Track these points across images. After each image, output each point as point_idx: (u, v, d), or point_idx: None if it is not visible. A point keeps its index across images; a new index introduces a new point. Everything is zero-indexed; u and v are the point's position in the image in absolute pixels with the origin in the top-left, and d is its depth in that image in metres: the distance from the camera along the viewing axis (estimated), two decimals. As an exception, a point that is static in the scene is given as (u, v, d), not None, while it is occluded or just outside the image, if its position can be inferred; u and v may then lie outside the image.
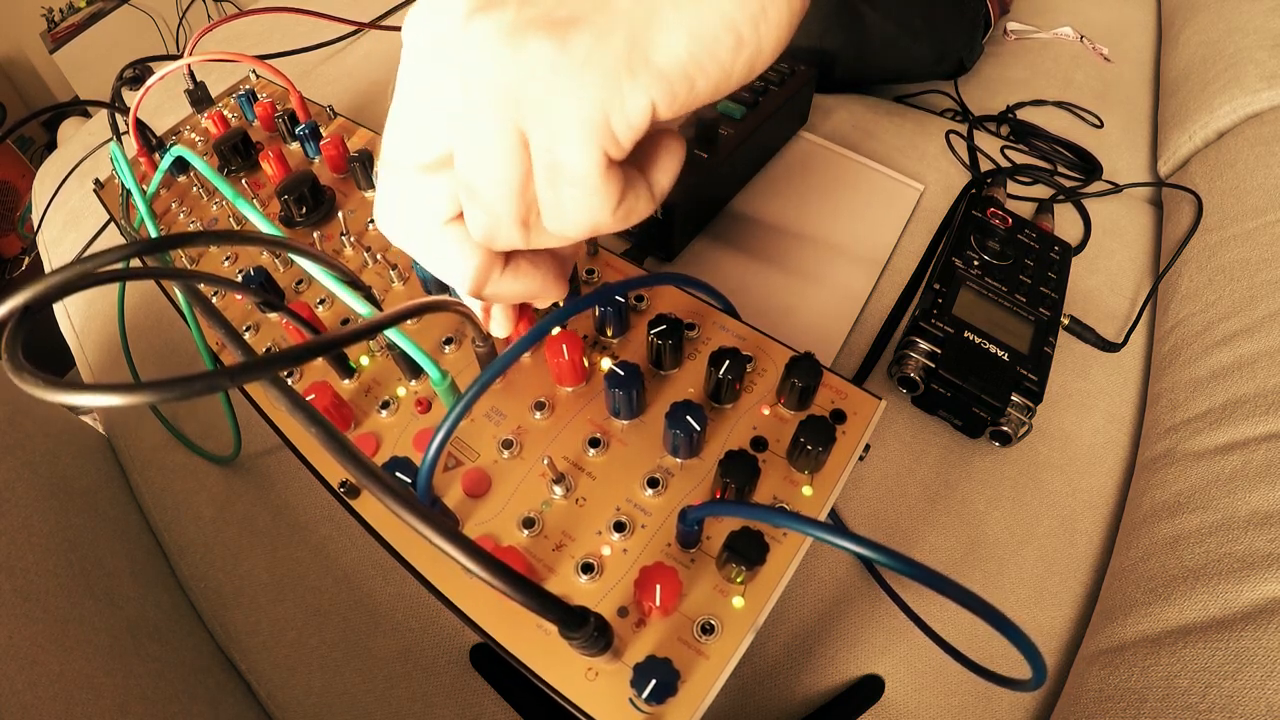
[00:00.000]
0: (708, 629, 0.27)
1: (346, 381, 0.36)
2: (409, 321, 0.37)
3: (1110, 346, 0.54)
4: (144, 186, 0.40)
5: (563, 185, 0.18)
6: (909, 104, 0.77)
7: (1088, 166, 0.67)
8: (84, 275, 0.17)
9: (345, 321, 0.38)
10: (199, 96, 0.55)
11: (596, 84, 0.16)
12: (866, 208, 0.60)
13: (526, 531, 0.30)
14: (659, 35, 0.16)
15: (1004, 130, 0.73)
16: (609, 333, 0.35)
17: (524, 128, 0.17)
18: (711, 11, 0.16)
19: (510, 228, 0.20)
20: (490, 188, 0.19)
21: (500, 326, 0.29)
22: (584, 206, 0.18)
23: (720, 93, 0.18)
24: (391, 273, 0.39)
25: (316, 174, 0.45)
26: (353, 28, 0.79)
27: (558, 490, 0.30)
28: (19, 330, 0.16)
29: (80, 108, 0.98)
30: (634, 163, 0.20)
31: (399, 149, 0.20)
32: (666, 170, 0.20)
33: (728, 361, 0.30)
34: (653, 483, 0.30)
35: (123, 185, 0.44)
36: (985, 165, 0.66)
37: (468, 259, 0.22)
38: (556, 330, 0.32)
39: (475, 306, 0.27)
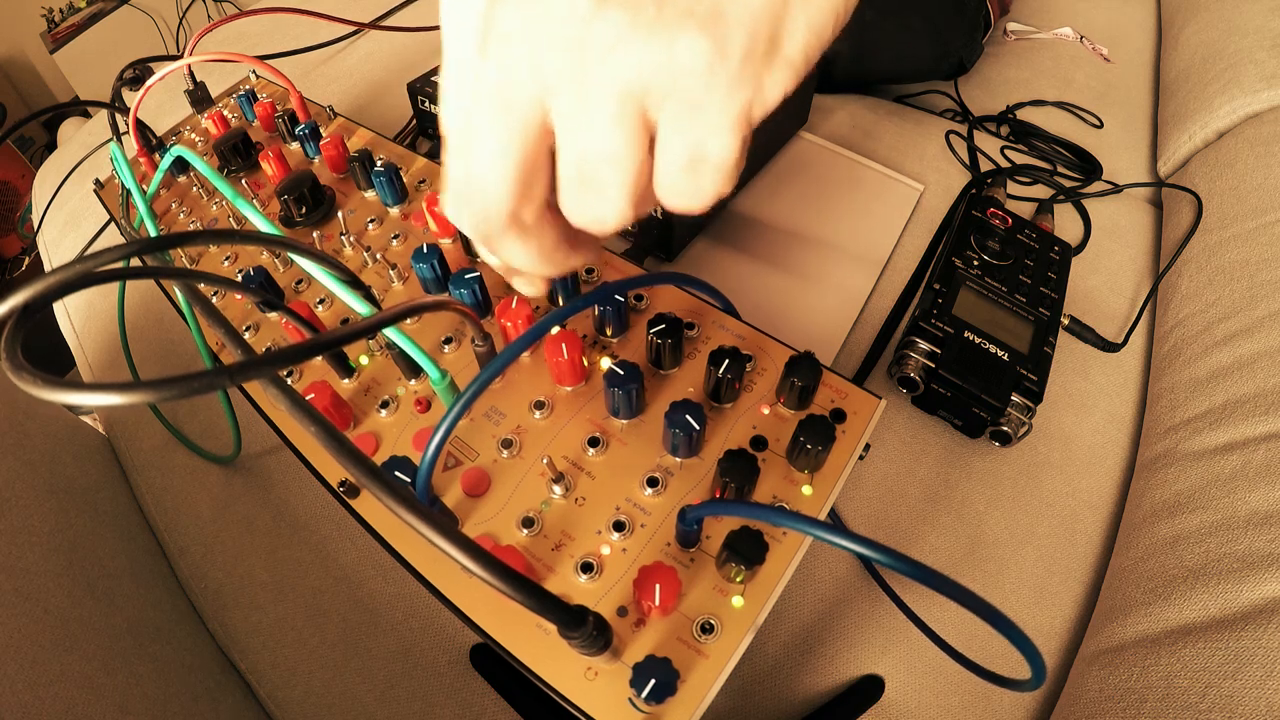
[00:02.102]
0: (707, 629, 0.27)
1: (346, 381, 0.36)
2: (408, 321, 0.37)
3: (1110, 346, 0.54)
4: (144, 186, 0.40)
5: (705, 173, 0.18)
6: (909, 104, 0.77)
7: (1088, 166, 0.67)
8: (83, 275, 0.17)
9: (345, 321, 0.38)
10: (199, 97, 0.55)
11: (749, 80, 0.17)
12: (866, 208, 0.60)
13: (526, 531, 0.30)
14: (787, 27, 0.17)
15: (1004, 130, 0.73)
16: (608, 332, 0.35)
17: (654, 119, 0.18)
18: (824, 1, 0.17)
19: (628, 212, 0.20)
20: (615, 179, 0.19)
21: (534, 289, 0.28)
22: (720, 186, 0.19)
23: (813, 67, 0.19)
24: (391, 272, 0.39)
25: (316, 174, 0.45)
26: (353, 28, 0.79)
27: (557, 490, 0.30)
28: (18, 330, 0.16)
29: (80, 108, 0.98)
30: None
31: (479, 164, 0.19)
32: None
33: (727, 361, 0.30)
34: (652, 482, 0.30)
35: (123, 185, 0.44)
36: (985, 165, 0.66)
37: (550, 248, 0.22)
38: (556, 329, 0.32)
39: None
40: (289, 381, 0.36)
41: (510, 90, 0.18)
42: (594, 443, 0.31)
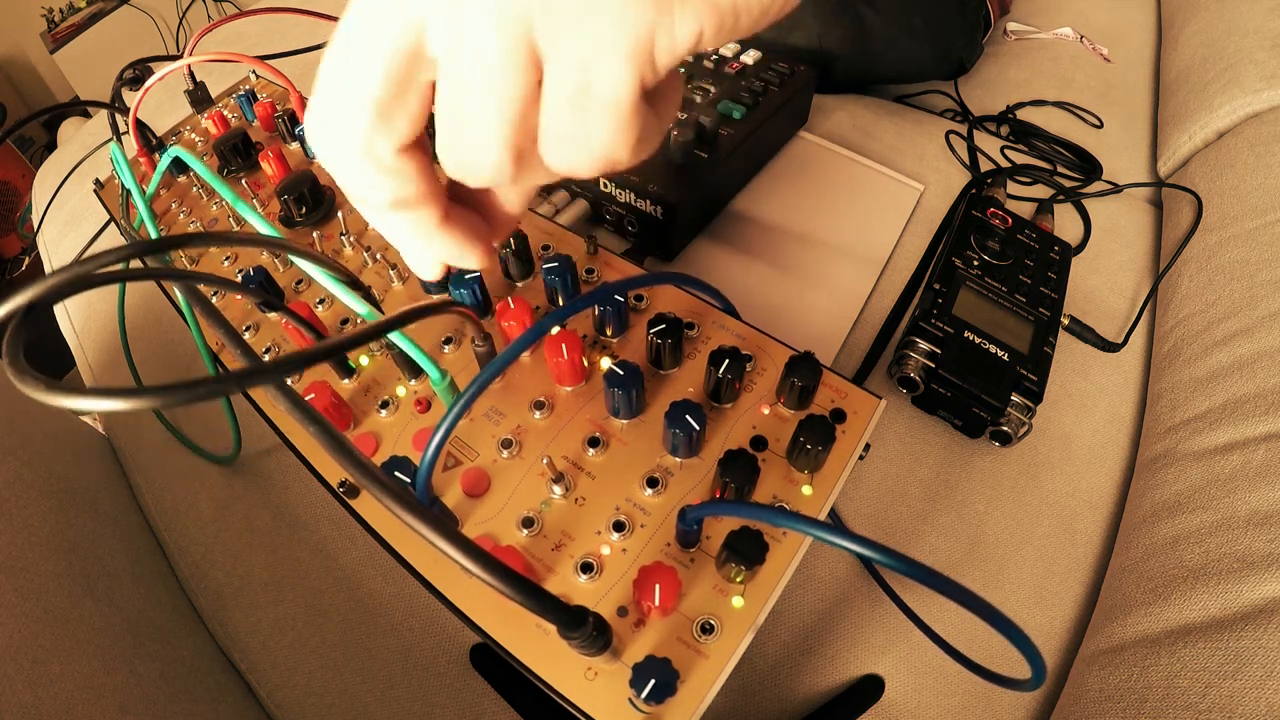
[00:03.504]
0: (707, 629, 0.27)
1: (346, 381, 0.36)
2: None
3: (1110, 346, 0.54)
4: (144, 187, 0.40)
5: (592, 111, 0.16)
6: (909, 104, 0.77)
7: (1088, 166, 0.67)
8: (84, 277, 0.17)
9: (345, 321, 0.38)
10: (199, 97, 0.55)
11: (650, 2, 0.15)
12: (866, 208, 0.60)
13: (526, 531, 0.30)
14: None
15: (1004, 130, 0.73)
16: (608, 332, 0.35)
17: (541, 43, 0.15)
18: None
19: (503, 159, 0.17)
20: (488, 114, 0.16)
21: (425, 270, 0.25)
22: (609, 136, 0.17)
23: (754, 29, 0.17)
24: (391, 272, 0.39)
25: (316, 174, 0.45)
26: (353, 28, 0.79)
27: (557, 490, 0.30)
28: (20, 332, 0.16)
29: (80, 108, 0.98)
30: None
31: (338, 76, 0.17)
32: (671, 105, 0.19)
33: (727, 361, 0.30)
34: (652, 482, 0.30)
35: (123, 185, 0.44)
36: (985, 165, 0.66)
37: (414, 202, 0.19)
38: (556, 330, 0.32)
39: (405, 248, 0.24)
40: (288, 382, 0.36)
41: (383, 5, 0.16)
42: (594, 443, 0.31)
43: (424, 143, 0.19)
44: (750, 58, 0.61)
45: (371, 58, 0.17)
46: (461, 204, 0.22)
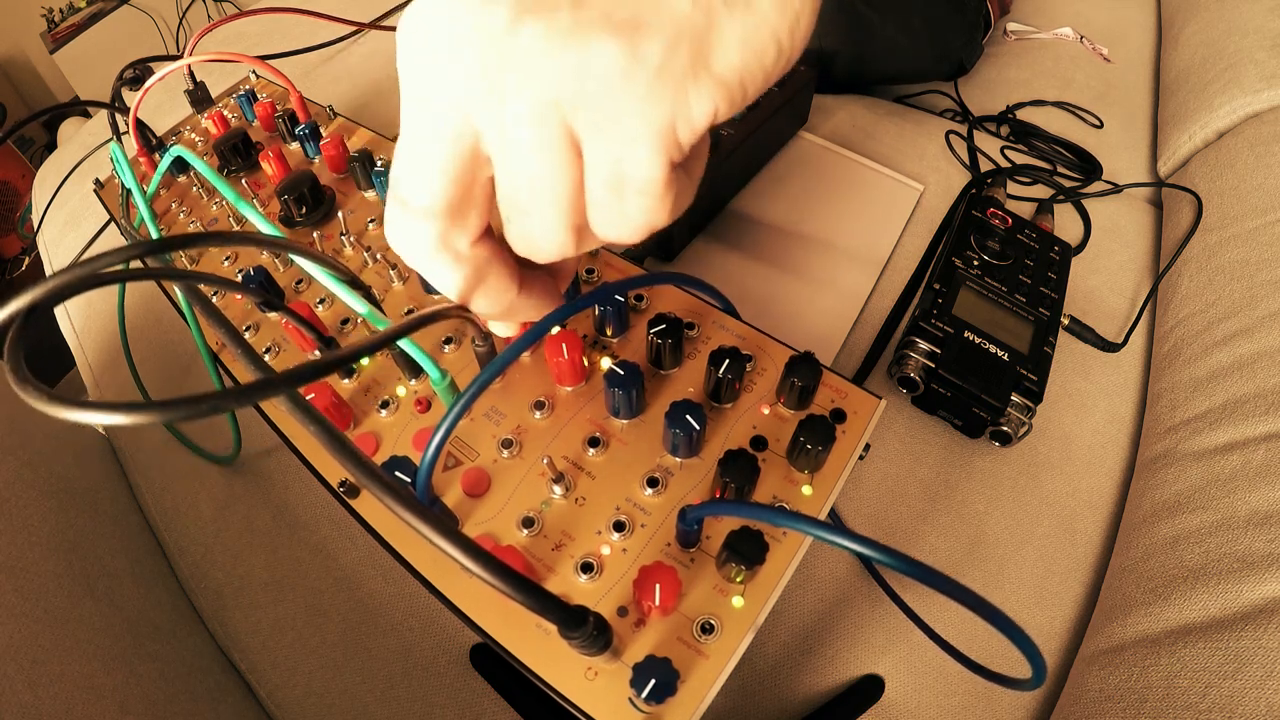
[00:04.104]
0: (707, 629, 0.27)
1: (346, 381, 0.36)
2: (409, 321, 0.37)
3: (1110, 346, 0.54)
4: (144, 186, 0.40)
5: (629, 195, 0.18)
6: (909, 104, 0.77)
7: (1088, 167, 0.67)
8: (85, 278, 0.17)
9: (345, 321, 0.38)
10: (199, 97, 0.55)
11: (668, 92, 0.16)
12: (866, 208, 0.60)
13: (526, 531, 0.30)
14: (717, 43, 0.16)
15: (1004, 130, 0.73)
16: (609, 332, 0.35)
17: (579, 135, 0.17)
18: (760, 21, 0.16)
19: (565, 239, 0.19)
20: (545, 202, 0.18)
21: (504, 330, 0.29)
22: (648, 212, 0.18)
23: (759, 94, 0.18)
24: (391, 272, 0.39)
25: (316, 174, 0.45)
26: (353, 28, 0.79)
27: (557, 490, 0.30)
28: (22, 337, 0.16)
29: (80, 108, 0.98)
30: None
31: (409, 189, 0.19)
32: (700, 160, 0.21)
33: (727, 361, 0.30)
34: (652, 482, 0.30)
35: (123, 185, 0.44)
36: (985, 165, 0.66)
37: (494, 285, 0.22)
38: (556, 330, 0.32)
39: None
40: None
41: (439, 113, 0.18)
42: (594, 443, 0.31)
43: (492, 228, 0.21)
44: (750, 58, 0.61)
45: (435, 168, 0.18)
46: (529, 268, 0.24)
